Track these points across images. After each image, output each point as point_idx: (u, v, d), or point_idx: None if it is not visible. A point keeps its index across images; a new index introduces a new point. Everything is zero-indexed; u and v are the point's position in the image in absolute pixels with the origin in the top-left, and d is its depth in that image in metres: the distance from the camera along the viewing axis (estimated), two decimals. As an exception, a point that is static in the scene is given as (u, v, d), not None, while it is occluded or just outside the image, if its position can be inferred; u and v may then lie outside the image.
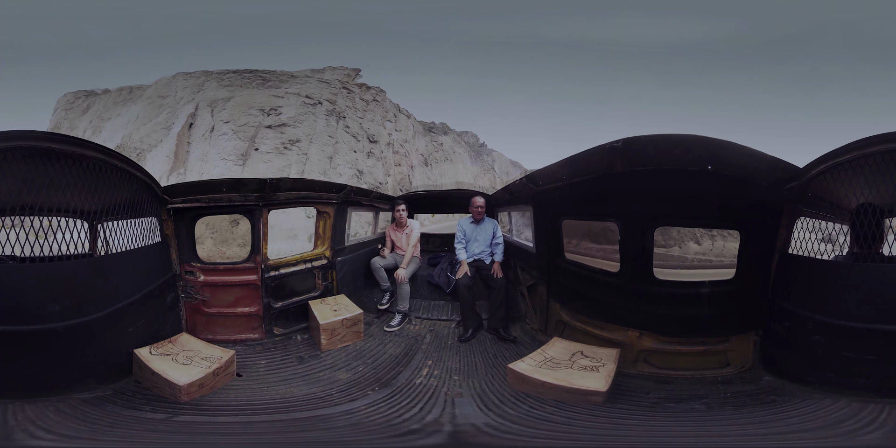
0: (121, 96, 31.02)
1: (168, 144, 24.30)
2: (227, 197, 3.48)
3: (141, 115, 27.02)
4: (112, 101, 30.58)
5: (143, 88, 30.14)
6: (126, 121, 27.37)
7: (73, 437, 1.89)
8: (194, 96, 26.85)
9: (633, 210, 2.76)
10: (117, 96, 31.08)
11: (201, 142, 24.16)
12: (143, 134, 25.56)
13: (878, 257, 2.27)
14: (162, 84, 28.81)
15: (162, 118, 26.24)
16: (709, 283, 2.76)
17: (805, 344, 2.34)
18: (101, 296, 2.49)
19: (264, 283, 3.73)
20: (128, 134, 25.78)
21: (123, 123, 27.26)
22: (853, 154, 2.16)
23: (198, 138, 24.34)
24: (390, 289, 4.66)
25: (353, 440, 2.20)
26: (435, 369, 3.18)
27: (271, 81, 27.58)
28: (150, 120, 26.29)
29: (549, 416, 2.34)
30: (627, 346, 2.91)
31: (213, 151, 23.67)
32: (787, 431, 1.97)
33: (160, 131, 25.29)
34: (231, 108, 24.92)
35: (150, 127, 25.83)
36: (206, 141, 24.11)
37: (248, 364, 3.20)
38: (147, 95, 28.63)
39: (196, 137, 24.41)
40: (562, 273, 3.48)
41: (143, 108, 27.39)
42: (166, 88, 28.19)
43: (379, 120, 31.13)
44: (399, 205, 4.91)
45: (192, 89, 27.42)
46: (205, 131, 24.34)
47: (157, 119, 26.22)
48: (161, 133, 25.21)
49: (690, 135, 2.29)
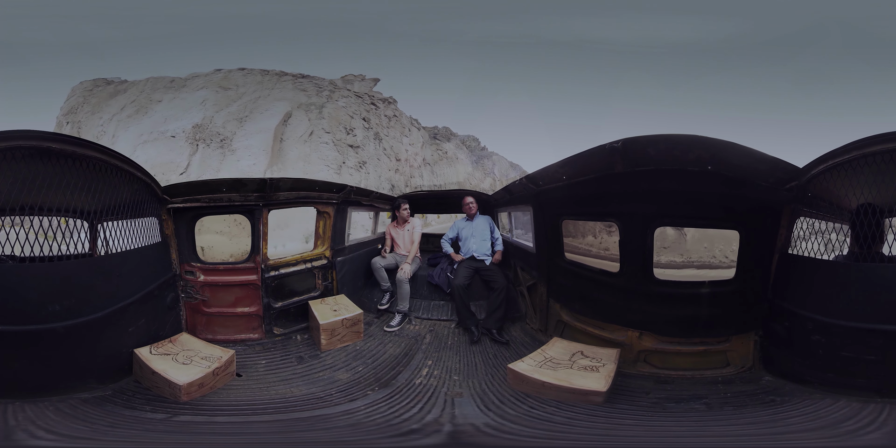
0: (160, 83, 32.11)
1: (260, 140, 26.00)
2: (227, 197, 3.48)
3: (208, 102, 28.62)
4: (151, 88, 31.67)
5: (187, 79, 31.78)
6: (188, 105, 28.83)
7: (73, 437, 1.88)
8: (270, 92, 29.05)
9: (633, 210, 2.75)
10: (155, 83, 32.15)
11: (299, 143, 26.45)
12: (222, 120, 27.26)
13: (878, 257, 2.27)
14: (220, 76, 30.48)
15: (235, 109, 27.98)
16: (709, 284, 2.76)
17: (805, 344, 2.34)
18: (101, 296, 2.49)
19: (264, 282, 3.73)
20: (208, 117, 27.44)
21: (185, 107, 28.71)
22: (853, 154, 2.15)
23: (294, 138, 26.52)
24: (390, 289, 4.66)
25: (353, 440, 2.20)
26: (435, 369, 3.18)
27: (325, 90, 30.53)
28: (221, 109, 27.98)
29: (549, 416, 2.34)
30: (627, 346, 2.91)
31: (314, 155, 26.54)
32: (787, 431, 1.97)
33: (233, 122, 26.98)
34: (328, 119, 28.15)
35: (224, 115, 27.58)
36: (306, 143, 26.64)
37: (247, 364, 3.20)
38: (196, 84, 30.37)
39: (292, 137, 26.49)
40: (562, 273, 3.48)
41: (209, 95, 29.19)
42: (226, 81, 29.94)
43: (398, 135, 33.17)
44: (403, 203, 5.04)
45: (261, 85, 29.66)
46: (303, 133, 26.75)
47: (228, 109, 27.96)
48: (234, 124, 26.94)
49: (690, 135, 2.29)
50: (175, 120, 27.68)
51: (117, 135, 28.55)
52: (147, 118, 28.67)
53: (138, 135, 27.57)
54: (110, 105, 31.53)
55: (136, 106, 30.23)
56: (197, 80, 30.90)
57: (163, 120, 27.89)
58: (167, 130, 27.16)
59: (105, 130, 29.71)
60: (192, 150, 26.17)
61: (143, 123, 28.46)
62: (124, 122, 29.35)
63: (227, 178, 3.56)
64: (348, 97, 30.64)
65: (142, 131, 27.82)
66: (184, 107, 28.65)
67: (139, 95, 31.23)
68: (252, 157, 25.28)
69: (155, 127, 27.74)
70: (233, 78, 30.38)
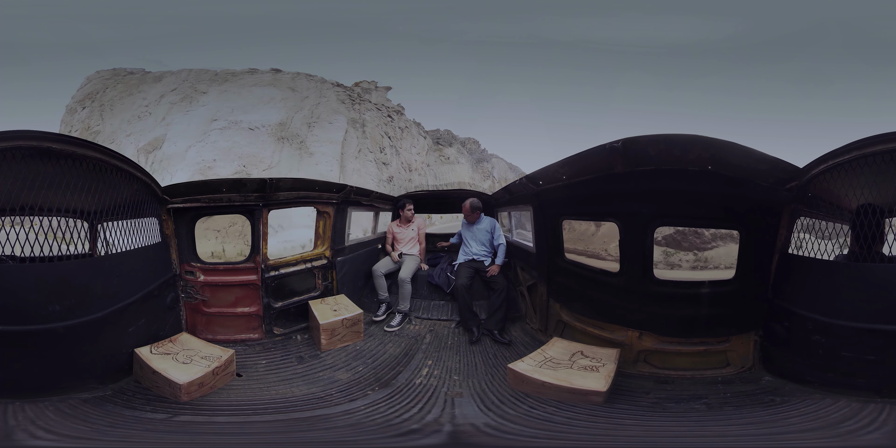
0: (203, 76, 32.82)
1: (330, 149, 27.77)
2: (227, 197, 3.48)
3: (277, 101, 29.65)
4: (195, 78, 32.30)
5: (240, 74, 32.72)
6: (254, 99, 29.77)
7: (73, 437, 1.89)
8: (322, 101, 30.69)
9: (633, 210, 2.75)
10: (200, 75, 32.88)
11: (351, 158, 28.38)
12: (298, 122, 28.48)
13: (879, 257, 2.27)
14: (288, 77, 31.72)
15: (305, 114, 29.23)
16: (709, 284, 2.76)
17: (805, 344, 2.34)
18: (101, 296, 2.49)
19: (264, 282, 3.73)
20: (289, 116, 28.51)
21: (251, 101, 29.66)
22: (853, 154, 2.15)
23: (351, 153, 28.55)
24: (387, 299, 4.58)
25: (353, 440, 2.20)
26: (435, 369, 3.18)
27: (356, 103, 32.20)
28: (297, 111, 29.23)
29: (549, 416, 2.34)
30: (627, 346, 2.91)
31: (364, 170, 28.59)
32: (787, 431, 1.97)
33: (302, 127, 28.29)
34: (370, 139, 30.46)
35: (300, 118, 28.87)
36: (356, 159, 28.61)
37: (247, 364, 3.20)
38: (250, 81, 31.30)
39: (348, 152, 28.51)
40: (562, 273, 3.48)
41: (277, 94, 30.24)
42: (294, 83, 31.24)
43: (409, 146, 34.74)
44: (408, 203, 5.11)
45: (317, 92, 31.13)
46: (353, 150, 28.73)
47: (301, 112, 29.27)
48: (303, 128, 28.21)
49: (690, 135, 2.29)
50: (243, 112, 28.34)
51: (170, 118, 29.04)
52: (201, 107, 29.25)
53: (209, 120, 28.00)
54: (145, 91, 31.84)
55: (179, 94, 30.74)
56: (253, 77, 31.52)
57: (229, 111, 28.47)
58: (241, 121, 27.69)
59: (151, 111, 30.11)
60: (276, 147, 26.84)
61: (202, 111, 28.98)
62: (178, 106, 29.86)
63: (227, 178, 3.56)
64: (372, 111, 32.18)
65: (206, 117, 28.33)
66: (249, 100, 29.29)
67: (181, 84, 31.66)
68: (328, 163, 26.65)
69: (220, 115, 28.29)
70: (299, 82, 31.37)
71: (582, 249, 14.29)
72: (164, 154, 26.39)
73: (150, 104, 30.38)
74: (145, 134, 28.21)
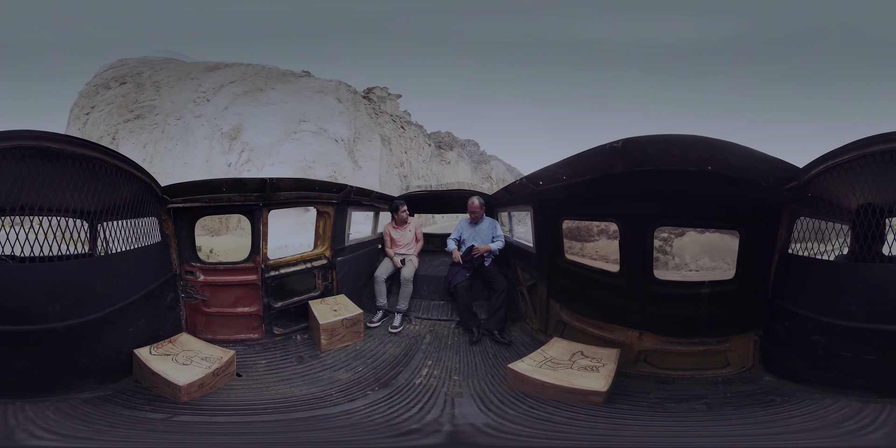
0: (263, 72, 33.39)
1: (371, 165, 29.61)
2: (227, 197, 3.48)
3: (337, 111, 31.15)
4: (254, 74, 32.85)
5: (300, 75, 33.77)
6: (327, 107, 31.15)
7: (73, 437, 1.88)
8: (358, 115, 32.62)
9: (633, 210, 2.75)
10: (258, 71, 33.38)
11: (383, 172, 30.33)
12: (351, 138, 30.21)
13: (879, 257, 2.27)
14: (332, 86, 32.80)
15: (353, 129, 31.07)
16: (709, 283, 2.76)
17: (805, 344, 2.34)
18: (101, 296, 2.48)
19: (264, 282, 3.73)
20: (350, 136, 30.26)
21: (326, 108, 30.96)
22: (853, 154, 2.15)
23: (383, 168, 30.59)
24: (385, 306, 4.55)
25: (353, 440, 2.20)
26: (435, 369, 3.18)
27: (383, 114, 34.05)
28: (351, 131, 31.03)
29: (548, 416, 2.34)
30: (627, 346, 2.91)
31: (391, 183, 30.31)
32: (787, 431, 1.97)
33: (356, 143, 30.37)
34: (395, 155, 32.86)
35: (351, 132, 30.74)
36: (388, 174, 30.71)
37: (247, 364, 3.20)
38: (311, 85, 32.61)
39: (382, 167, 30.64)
40: (562, 273, 3.48)
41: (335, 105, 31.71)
42: (337, 92, 32.52)
43: (415, 155, 36.01)
44: (402, 205, 5.02)
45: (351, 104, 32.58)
46: (385, 165, 30.57)
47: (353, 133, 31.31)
48: (356, 144, 30.19)
49: (690, 135, 2.29)
50: (320, 120, 29.49)
51: (236, 108, 29.58)
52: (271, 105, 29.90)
53: (295, 121, 28.72)
54: (199, 78, 32.15)
55: (240, 86, 31.18)
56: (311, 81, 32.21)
57: (315, 115, 29.58)
58: (327, 130, 28.74)
59: (209, 98, 30.48)
60: (348, 159, 28.44)
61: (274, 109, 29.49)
62: (242, 98, 30.28)
63: (227, 178, 3.55)
64: (389, 123, 33.89)
65: (284, 117, 28.97)
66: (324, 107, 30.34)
67: (240, 77, 32.09)
68: (371, 177, 28.39)
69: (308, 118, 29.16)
70: (342, 90, 32.35)
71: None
72: (248, 144, 27.14)
73: (208, 91, 30.80)
74: (219, 119, 28.70)
